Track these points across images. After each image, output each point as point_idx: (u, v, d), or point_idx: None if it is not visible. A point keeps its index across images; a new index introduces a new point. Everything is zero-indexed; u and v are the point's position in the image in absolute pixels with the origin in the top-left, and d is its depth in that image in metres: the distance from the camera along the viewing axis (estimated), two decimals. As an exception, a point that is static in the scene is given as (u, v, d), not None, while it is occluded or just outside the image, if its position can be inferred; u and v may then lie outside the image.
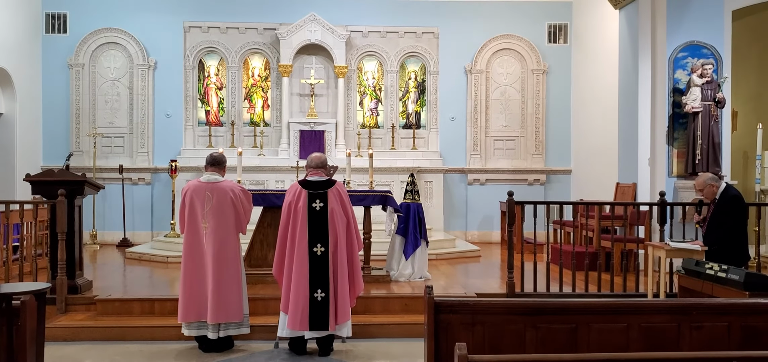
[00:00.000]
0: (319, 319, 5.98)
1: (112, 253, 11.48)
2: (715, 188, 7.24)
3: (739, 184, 10.35)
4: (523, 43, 13.62)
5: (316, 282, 5.99)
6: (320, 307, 5.98)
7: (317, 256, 6.02)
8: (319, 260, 6.01)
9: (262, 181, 12.51)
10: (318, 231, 6.05)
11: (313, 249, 6.02)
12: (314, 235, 6.04)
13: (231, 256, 6.20)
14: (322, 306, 5.98)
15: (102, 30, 13.10)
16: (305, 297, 5.96)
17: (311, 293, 5.98)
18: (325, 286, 6.00)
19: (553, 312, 4.19)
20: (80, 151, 12.99)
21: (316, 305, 5.97)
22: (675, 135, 9.74)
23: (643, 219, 9.18)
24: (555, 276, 8.07)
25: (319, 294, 5.99)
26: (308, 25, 13.06)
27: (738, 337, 4.29)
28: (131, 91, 13.21)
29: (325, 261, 6.02)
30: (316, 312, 5.97)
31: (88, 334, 6.76)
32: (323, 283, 6.00)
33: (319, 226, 6.05)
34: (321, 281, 6.00)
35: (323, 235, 6.04)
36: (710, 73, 9.47)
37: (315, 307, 5.97)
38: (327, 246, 6.03)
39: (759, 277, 5.70)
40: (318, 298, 5.98)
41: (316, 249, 6.02)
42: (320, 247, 6.03)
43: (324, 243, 6.03)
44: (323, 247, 6.03)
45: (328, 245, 6.04)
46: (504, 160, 13.74)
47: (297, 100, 13.46)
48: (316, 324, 5.98)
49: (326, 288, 6.00)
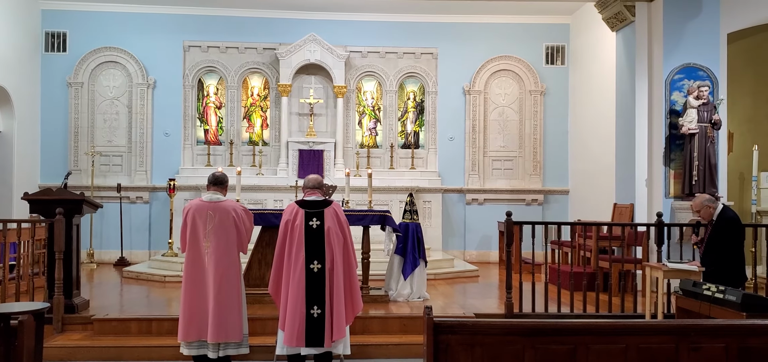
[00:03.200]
0: (315, 336, 5.97)
1: (109, 272, 11.45)
2: (712, 209, 7.26)
3: (736, 205, 10.39)
4: (521, 64, 13.70)
5: (313, 299, 5.99)
6: (316, 324, 5.97)
7: (314, 273, 6.02)
8: (315, 277, 6.02)
9: (260, 200, 12.52)
10: (315, 249, 6.06)
11: (309, 265, 6.03)
12: (311, 252, 6.05)
13: (232, 276, 6.19)
14: (318, 322, 5.97)
15: (101, 49, 13.16)
16: (302, 313, 5.96)
17: (307, 309, 5.97)
18: (321, 303, 5.99)
19: (552, 333, 4.20)
20: (78, 170, 13.00)
21: (313, 321, 5.97)
22: (672, 156, 9.78)
23: (641, 240, 9.19)
24: (553, 297, 8.08)
25: (316, 310, 5.98)
26: (308, 45, 13.14)
27: (735, 358, 4.30)
28: (130, 109, 13.25)
29: (322, 278, 6.03)
30: (312, 328, 5.96)
31: (84, 354, 6.73)
32: (319, 300, 5.99)
33: (316, 244, 6.06)
34: (317, 298, 6.00)
35: (320, 252, 6.06)
36: (706, 95, 9.52)
37: (311, 324, 5.96)
38: (323, 263, 6.04)
39: (756, 298, 5.71)
40: (314, 315, 5.97)
41: (312, 266, 6.03)
42: (317, 264, 6.03)
43: (320, 260, 6.04)
44: (320, 264, 6.03)
45: (325, 262, 6.05)
46: (502, 180, 13.77)
47: (296, 119, 13.51)
48: (312, 340, 5.97)
49: (322, 305, 5.99)
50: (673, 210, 9.68)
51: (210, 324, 6.07)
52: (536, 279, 8.26)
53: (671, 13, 9.83)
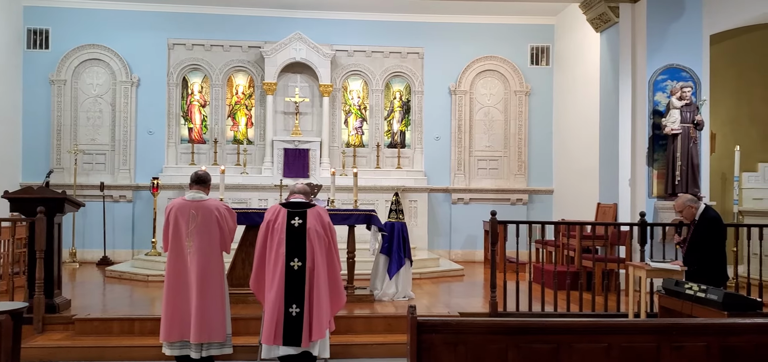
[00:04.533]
0: (293, 334, 5.90)
1: (91, 272, 11.35)
2: (694, 209, 7.32)
3: (718, 205, 10.48)
4: (506, 64, 13.75)
5: (292, 297, 5.93)
6: (294, 322, 5.90)
7: (294, 271, 5.96)
8: (295, 275, 5.96)
9: (245, 199, 12.46)
10: (295, 246, 6.00)
11: (289, 263, 5.97)
12: (291, 250, 5.99)
13: (215, 275, 6.15)
14: (297, 321, 5.91)
15: (85, 46, 13.04)
16: (280, 311, 5.89)
17: (286, 308, 5.91)
18: (300, 301, 5.93)
19: (536, 331, 4.21)
20: (61, 168, 12.87)
21: (291, 320, 5.90)
22: (655, 156, 9.85)
23: (624, 240, 9.27)
24: (537, 296, 8.11)
25: (294, 309, 5.92)
26: (293, 44, 13.10)
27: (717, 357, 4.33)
28: (113, 107, 13.13)
29: (302, 276, 5.97)
30: (290, 327, 5.90)
31: (65, 354, 6.66)
32: (298, 298, 5.94)
33: (297, 242, 6.01)
34: (296, 296, 5.94)
35: (300, 250, 6.00)
36: (689, 96, 9.60)
37: (289, 322, 5.90)
38: (304, 261, 5.98)
39: (737, 297, 5.77)
40: (293, 313, 5.91)
41: (292, 264, 5.97)
42: (297, 262, 5.97)
43: (301, 258, 5.98)
44: (300, 262, 5.98)
45: (306, 260, 5.99)
46: (487, 179, 13.81)
47: (281, 118, 13.46)
48: (290, 339, 5.90)
49: (301, 304, 5.93)
50: (656, 210, 9.75)
51: (192, 324, 6.02)
52: (521, 279, 8.30)
53: (655, 15, 9.91)
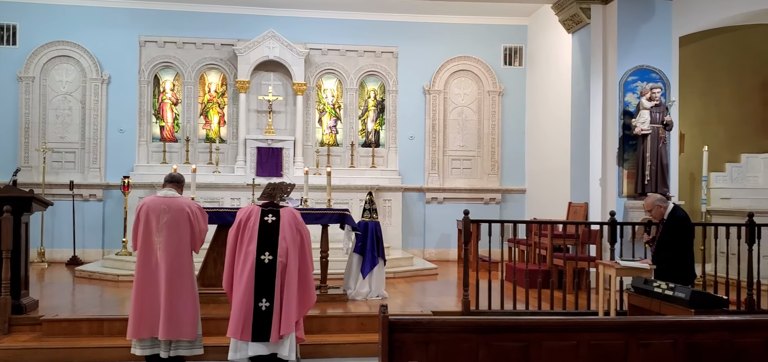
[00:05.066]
0: (262, 330, 5.85)
1: (61, 272, 11.18)
2: (663, 208, 7.44)
3: (686, 205, 10.64)
4: (479, 64, 13.82)
5: (261, 292, 5.88)
6: (263, 317, 5.85)
7: (264, 264, 5.92)
8: (266, 268, 5.91)
9: (217, 198, 12.37)
10: (267, 241, 5.96)
11: (260, 256, 5.93)
12: (263, 244, 5.95)
13: (184, 271, 6.09)
14: (266, 315, 5.85)
15: (54, 42, 12.83)
16: (249, 306, 5.84)
17: (256, 302, 5.86)
18: (270, 296, 5.88)
19: (505, 330, 4.25)
20: (29, 166, 12.65)
21: (260, 315, 5.85)
22: (625, 156, 9.98)
23: (595, 238, 9.37)
24: (509, 294, 8.17)
25: (264, 303, 5.87)
26: (267, 42, 13.03)
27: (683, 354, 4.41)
28: (83, 105, 12.95)
29: (273, 270, 5.92)
30: (259, 322, 5.84)
31: (31, 356, 6.56)
32: (268, 293, 5.89)
33: (269, 236, 5.97)
34: (266, 291, 5.89)
35: (272, 244, 5.96)
36: (659, 97, 9.74)
37: (258, 317, 5.85)
38: (275, 255, 5.94)
39: (704, 295, 5.87)
40: (262, 308, 5.86)
41: (263, 257, 5.92)
42: (268, 255, 5.92)
43: (272, 252, 5.94)
44: (271, 256, 5.93)
45: (277, 254, 5.94)
46: (461, 179, 13.87)
47: (254, 116, 13.38)
48: (259, 334, 5.84)
49: (271, 299, 5.88)
50: (626, 209, 9.88)
51: (161, 320, 5.96)
52: (493, 277, 8.34)
53: (625, 16, 10.04)
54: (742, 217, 8.82)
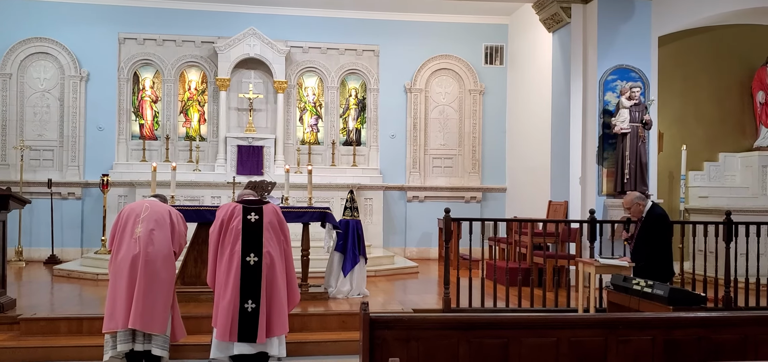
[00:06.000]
0: (248, 331, 5.81)
1: (39, 271, 11.04)
2: (642, 206, 7.51)
3: (665, 203, 10.76)
4: (461, 63, 13.86)
5: (247, 293, 5.84)
6: (250, 318, 5.81)
7: (250, 266, 5.89)
8: (251, 270, 5.88)
9: (197, 196, 12.28)
10: (251, 241, 5.93)
11: (245, 258, 5.90)
12: (247, 245, 5.92)
13: (159, 261, 5.93)
14: (252, 317, 5.82)
15: (32, 39, 12.66)
16: (235, 307, 5.81)
17: (241, 304, 5.83)
18: (256, 297, 5.85)
19: (486, 326, 4.27)
20: (6, 164, 12.49)
21: (246, 316, 5.81)
22: (605, 155, 10.06)
23: (574, 236, 9.44)
24: (490, 292, 8.20)
25: (250, 305, 5.83)
26: (247, 39, 12.96)
27: (661, 350, 4.46)
28: (62, 102, 12.80)
29: (258, 271, 5.90)
30: (245, 323, 5.81)
31: (9, 355, 6.47)
32: (254, 294, 5.86)
33: (253, 237, 5.95)
34: (252, 292, 5.86)
35: (257, 245, 5.94)
36: (638, 96, 9.84)
37: (244, 318, 5.81)
38: (260, 256, 5.92)
39: (682, 292, 5.94)
40: (248, 309, 5.82)
41: (248, 259, 5.90)
42: (253, 257, 5.90)
43: (257, 253, 5.92)
44: (256, 257, 5.91)
45: (262, 255, 5.93)
46: (442, 177, 13.91)
47: (235, 114, 13.30)
48: (245, 335, 5.81)
49: (257, 300, 5.85)
50: (605, 207, 9.96)
51: (133, 309, 5.77)
52: (474, 275, 8.38)
53: (605, 16, 10.12)
54: (719, 216, 8.93)
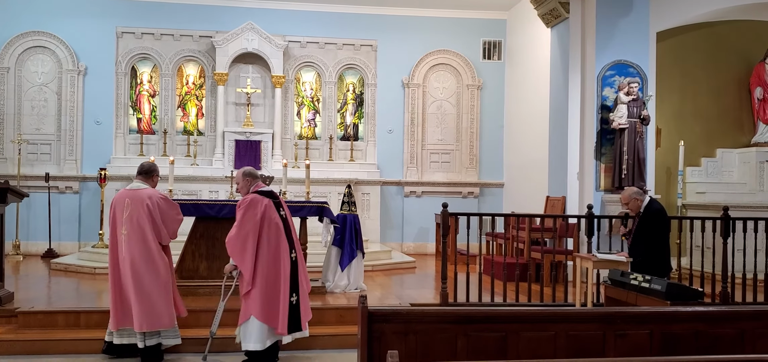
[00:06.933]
0: (294, 322, 6.14)
1: (36, 264, 11.03)
2: (639, 202, 7.52)
3: (663, 198, 10.77)
4: (458, 58, 13.85)
5: (293, 287, 6.15)
6: (295, 310, 6.13)
7: (293, 261, 6.19)
8: (293, 265, 6.19)
9: (195, 191, 12.28)
10: (288, 237, 6.22)
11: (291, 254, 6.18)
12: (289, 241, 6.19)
13: (148, 263, 6.09)
14: (296, 309, 6.15)
15: (29, 33, 12.62)
16: (286, 302, 6.05)
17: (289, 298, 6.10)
18: (296, 290, 6.17)
19: (484, 320, 4.27)
20: (4, 158, 12.47)
21: (292, 308, 6.12)
22: (603, 150, 10.06)
23: (572, 232, 9.44)
24: (487, 287, 8.21)
25: (294, 298, 6.13)
26: (245, 34, 12.93)
27: (659, 343, 4.47)
28: (60, 96, 12.77)
29: (296, 265, 6.21)
30: (292, 315, 6.12)
31: (7, 348, 6.47)
32: (296, 287, 6.17)
33: (288, 232, 6.23)
34: (295, 285, 6.17)
35: (291, 240, 6.23)
36: (636, 92, 9.83)
37: (292, 311, 6.11)
38: (295, 251, 6.24)
39: (680, 287, 5.94)
40: (293, 302, 6.12)
41: (292, 255, 6.19)
42: (293, 253, 6.20)
43: (293, 248, 6.22)
44: (294, 253, 6.21)
45: (296, 250, 6.25)
46: (440, 173, 13.91)
47: (233, 109, 13.29)
48: (293, 326, 6.12)
49: (298, 292, 6.17)
50: (603, 202, 9.96)
51: (134, 313, 6.04)
52: (471, 270, 8.38)
53: (604, 11, 10.10)
54: (717, 211, 8.95)
